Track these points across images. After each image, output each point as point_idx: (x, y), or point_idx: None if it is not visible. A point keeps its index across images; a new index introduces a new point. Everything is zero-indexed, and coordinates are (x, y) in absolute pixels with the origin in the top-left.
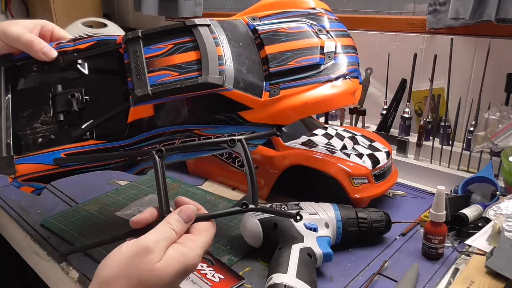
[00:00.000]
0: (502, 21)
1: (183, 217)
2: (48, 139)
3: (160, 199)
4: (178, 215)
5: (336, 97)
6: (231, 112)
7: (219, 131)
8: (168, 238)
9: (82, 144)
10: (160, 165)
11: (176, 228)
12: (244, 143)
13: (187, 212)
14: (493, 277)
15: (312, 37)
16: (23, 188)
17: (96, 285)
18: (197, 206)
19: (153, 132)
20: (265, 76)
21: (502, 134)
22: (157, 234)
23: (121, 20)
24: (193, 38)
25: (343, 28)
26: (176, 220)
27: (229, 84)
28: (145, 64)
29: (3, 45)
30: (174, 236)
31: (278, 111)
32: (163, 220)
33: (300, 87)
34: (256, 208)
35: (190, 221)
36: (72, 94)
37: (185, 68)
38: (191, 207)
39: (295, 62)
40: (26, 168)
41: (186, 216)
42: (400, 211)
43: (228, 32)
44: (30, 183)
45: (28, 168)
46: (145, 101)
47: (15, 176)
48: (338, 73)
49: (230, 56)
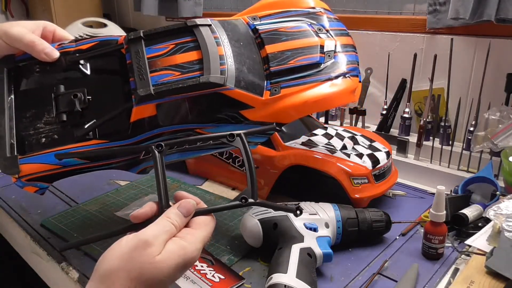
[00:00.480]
0: (502, 21)
1: (182, 211)
2: (51, 139)
3: (159, 193)
4: (177, 209)
5: (336, 95)
6: (232, 111)
7: (220, 130)
8: (167, 232)
9: (85, 144)
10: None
11: (176, 222)
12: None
13: (186, 206)
14: (493, 277)
15: (312, 36)
16: (26, 188)
17: (96, 279)
18: (197, 201)
19: (155, 132)
20: (266, 75)
21: (502, 134)
22: (156, 228)
23: (121, 20)
24: (195, 38)
25: (342, 27)
26: (175, 214)
27: (231, 84)
28: (147, 64)
29: (5, 46)
30: (174, 230)
31: (279, 109)
32: (163, 214)
33: (301, 85)
34: (256, 203)
35: (189, 215)
36: (74, 94)
37: (186, 68)
38: (190, 201)
39: (295, 61)
40: (30, 168)
41: (185, 210)
42: (400, 211)
43: (229, 32)
44: (34, 183)
45: (32, 168)
46: (148, 101)
47: (19, 176)
48: (338, 72)
49: (231, 56)
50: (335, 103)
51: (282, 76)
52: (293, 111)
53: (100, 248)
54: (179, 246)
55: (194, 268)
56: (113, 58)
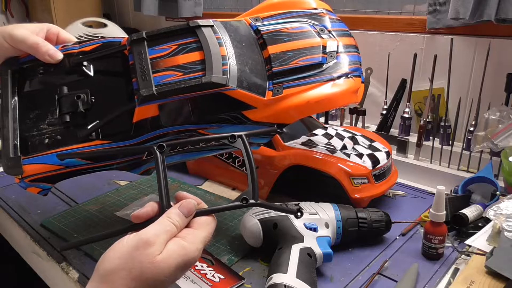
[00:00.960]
0: (502, 21)
1: (183, 211)
2: (54, 139)
3: (160, 194)
4: (178, 209)
5: (338, 95)
6: (235, 111)
7: (223, 131)
8: (168, 232)
9: (88, 145)
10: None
11: (177, 222)
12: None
13: (187, 206)
14: (493, 277)
15: (314, 37)
16: (29, 189)
17: (97, 278)
18: (198, 201)
19: (158, 132)
20: (268, 76)
21: (502, 134)
22: (157, 228)
23: (121, 20)
24: (197, 39)
25: (344, 27)
26: (176, 214)
27: (233, 84)
28: (150, 65)
29: (9, 48)
30: (174, 230)
31: (281, 110)
32: (164, 214)
33: (303, 86)
34: (257, 203)
35: (190, 215)
36: (78, 96)
37: (189, 68)
38: (191, 202)
39: (297, 61)
40: (33, 169)
41: (186, 210)
42: (400, 211)
43: (231, 32)
44: (37, 184)
45: (35, 168)
46: (150, 101)
47: (22, 177)
48: (340, 72)
49: (234, 56)
50: (338, 104)
51: (285, 76)
52: (296, 111)
53: (100, 248)
54: (180, 246)
55: (194, 268)
56: (116, 60)
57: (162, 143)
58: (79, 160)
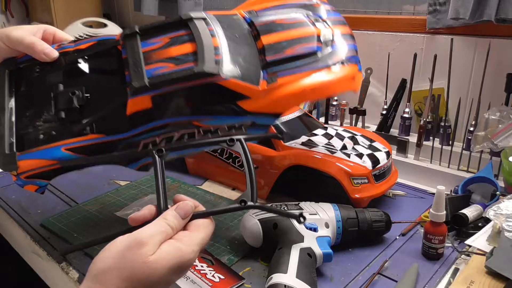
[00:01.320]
0: (502, 21)
1: (180, 213)
2: (49, 135)
3: (158, 196)
4: (175, 211)
5: (335, 82)
6: (229, 102)
7: (218, 122)
8: (163, 233)
9: (83, 139)
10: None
11: (173, 223)
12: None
13: (184, 208)
14: (493, 277)
15: (308, 26)
16: (27, 187)
17: (90, 278)
18: (195, 204)
19: (151, 125)
20: (262, 65)
21: (502, 134)
22: (152, 228)
23: (121, 20)
24: (190, 31)
25: (340, 17)
26: (172, 216)
27: (226, 73)
28: (142, 57)
29: (7, 49)
30: (170, 231)
31: (276, 99)
32: (160, 216)
33: (298, 74)
34: (255, 206)
35: (187, 217)
36: (72, 92)
37: (181, 60)
38: (188, 204)
39: (292, 50)
40: (28, 164)
41: (183, 212)
42: (400, 211)
43: (224, 24)
44: (33, 181)
45: (30, 164)
46: (142, 93)
47: (18, 173)
48: (335, 60)
49: (227, 47)
50: (334, 91)
51: (279, 65)
52: (291, 99)
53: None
54: (175, 248)
55: (194, 268)
56: (111, 56)
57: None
58: (73, 155)
